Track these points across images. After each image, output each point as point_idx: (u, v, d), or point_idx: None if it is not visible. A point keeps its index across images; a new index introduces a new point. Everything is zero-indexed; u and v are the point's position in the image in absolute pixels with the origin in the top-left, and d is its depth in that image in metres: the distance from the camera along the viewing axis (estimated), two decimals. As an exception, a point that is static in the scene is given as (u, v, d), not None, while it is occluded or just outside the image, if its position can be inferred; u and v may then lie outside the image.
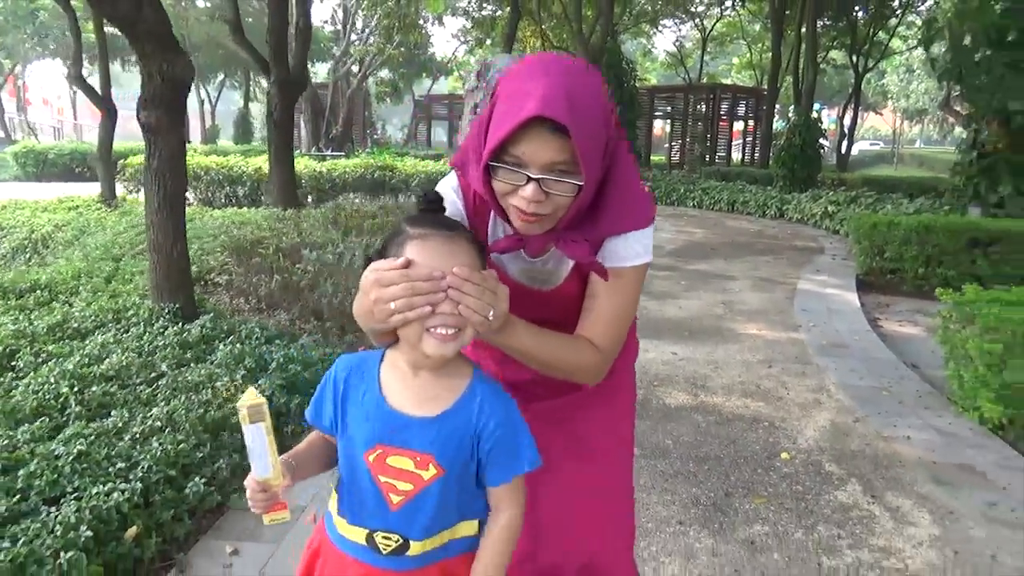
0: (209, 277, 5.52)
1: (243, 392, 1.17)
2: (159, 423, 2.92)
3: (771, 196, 14.34)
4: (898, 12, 23.90)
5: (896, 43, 26.98)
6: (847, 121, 27.64)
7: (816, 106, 32.34)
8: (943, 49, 8.99)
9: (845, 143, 27.32)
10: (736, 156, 28.42)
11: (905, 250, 7.24)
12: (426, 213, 1.16)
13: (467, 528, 1.24)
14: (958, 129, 11.49)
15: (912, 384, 4.31)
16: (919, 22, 22.42)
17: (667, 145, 26.68)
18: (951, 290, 4.32)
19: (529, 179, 1.15)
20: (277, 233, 5.62)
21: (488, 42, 24.41)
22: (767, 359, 4.77)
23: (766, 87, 22.99)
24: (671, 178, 17.93)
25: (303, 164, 13.82)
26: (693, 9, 27.99)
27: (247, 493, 1.15)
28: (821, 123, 15.81)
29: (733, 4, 26.01)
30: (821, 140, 15.37)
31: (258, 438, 1.12)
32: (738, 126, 28.67)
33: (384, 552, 1.20)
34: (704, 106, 25.13)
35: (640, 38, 34.03)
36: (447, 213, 1.20)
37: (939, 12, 14.00)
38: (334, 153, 20.09)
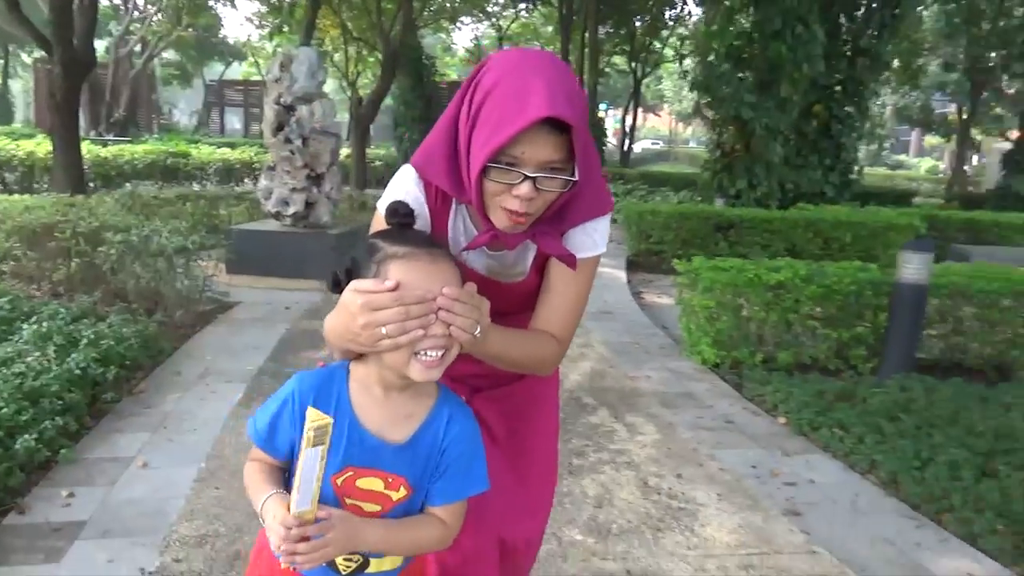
0: (-5, 263, 5.34)
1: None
2: (-26, 394, 3.04)
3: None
4: (669, 25, 26.59)
5: (668, 52, 29.88)
6: (629, 121, 30.24)
7: (603, 106, 34.93)
8: (695, 62, 10.48)
9: (627, 142, 29.90)
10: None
11: (665, 234, 8.49)
12: (400, 228, 1.14)
13: None
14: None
15: (658, 339, 5.30)
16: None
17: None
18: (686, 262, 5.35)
19: (525, 177, 1.14)
20: (71, 218, 5.53)
21: (286, 28, 23.90)
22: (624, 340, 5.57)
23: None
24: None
25: (85, 149, 12.96)
26: (489, 9, 29.18)
27: (279, 533, 1.04)
28: (604, 123, 17.39)
29: (526, 7, 27.45)
30: (606, 139, 16.94)
31: (312, 464, 1.03)
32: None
33: (344, 572, 1.16)
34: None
35: (440, 33, 34.78)
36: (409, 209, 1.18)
37: (696, 31, 15.94)
38: (116, 138, 18.79)
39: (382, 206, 1.24)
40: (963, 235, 9.20)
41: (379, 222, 1.24)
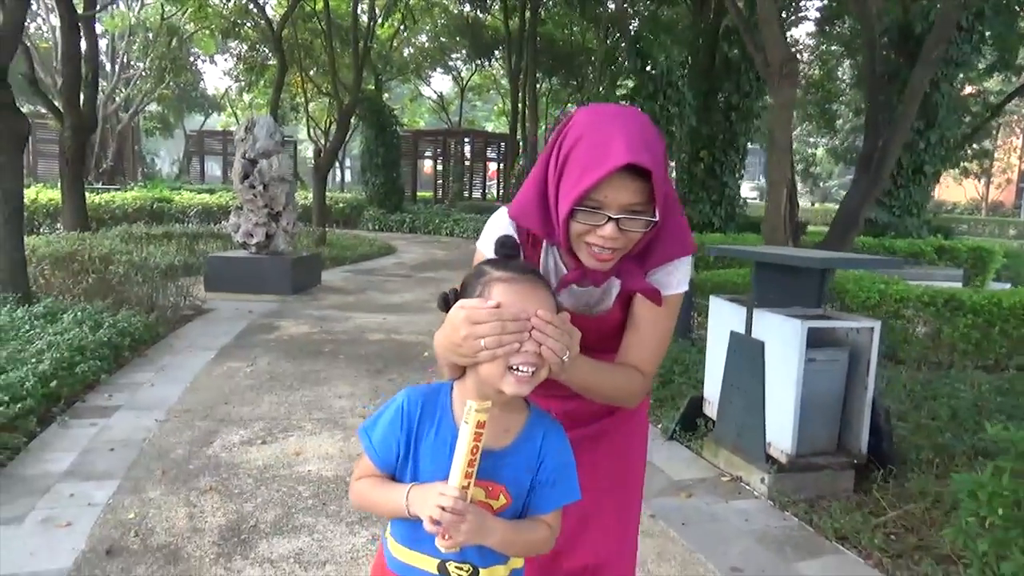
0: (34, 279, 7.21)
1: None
2: (43, 347, 4.90)
3: (507, 224, 17.66)
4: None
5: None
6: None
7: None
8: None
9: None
10: (493, 192, 32.28)
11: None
12: (506, 258, 1.25)
13: (519, 561, 1.32)
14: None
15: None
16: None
17: (439, 182, 29.77)
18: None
19: (609, 219, 1.25)
20: (86, 247, 7.41)
21: (262, 83, 25.99)
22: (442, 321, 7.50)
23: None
24: (432, 211, 20.89)
25: (81, 196, 14.88)
26: (451, 64, 31.65)
27: (444, 501, 1.14)
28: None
29: (482, 62, 29.90)
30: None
31: (463, 441, 1.14)
32: (495, 166, 32.61)
33: None
34: (461, 148, 28.61)
35: (409, 84, 37.20)
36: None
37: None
38: (105, 186, 20.67)
39: (483, 245, 1.44)
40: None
41: (480, 260, 1.39)
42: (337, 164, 29.13)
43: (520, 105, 23.75)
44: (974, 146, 23.56)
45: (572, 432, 1.39)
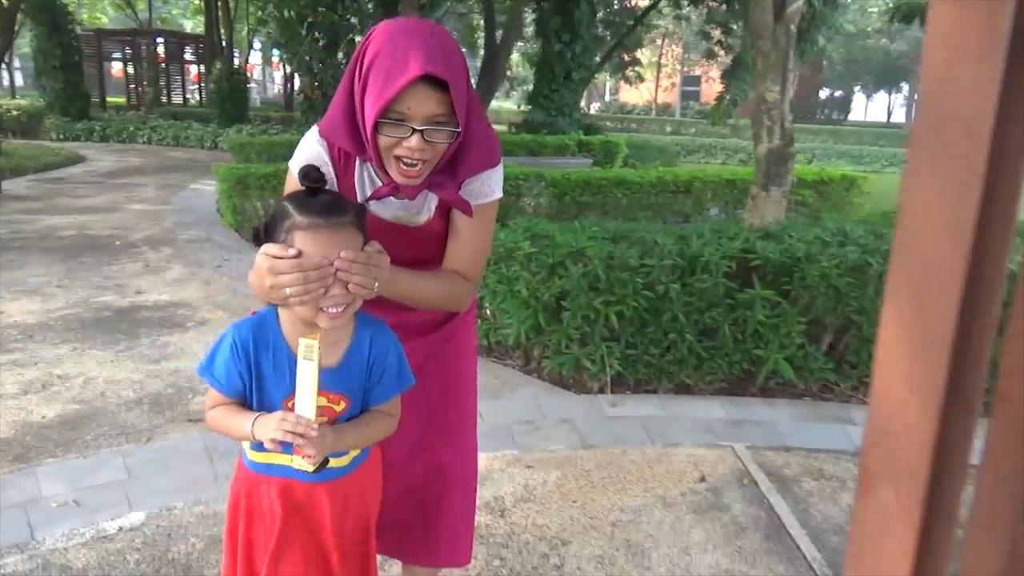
0: None
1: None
2: None
3: (208, 131, 17.65)
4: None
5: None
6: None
7: (276, 53, 36.04)
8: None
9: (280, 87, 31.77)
10: (195, 98, 30.75)
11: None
12: (311, 191, 1.26)
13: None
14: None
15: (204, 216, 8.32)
16: None
17: (132, 87, 27.65)
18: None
19: (413, 131, 1.29)
20: None
21: None
22: (189, 222, 8.31)
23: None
24: (125, 118, 19.92)
25: None
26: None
27: (285, 425, 1.23)
28: (244, 72, 19.55)
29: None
30: (250, 84, 19.12)
31: (306, 375, 1.23)
32: (196, 69, 30.93)
33: (310, 470, 1.34)
34: (154, 49, 26.86)
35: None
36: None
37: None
38: None
39: (294, 166, 1.44)
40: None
41: (290, 182, 1.44)
42: (5, 67, 25.77)
43: (217, 1, 22.91)
44: (625, 56, 27.44)
45: (407, 344, 1.48)
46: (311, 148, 1.46)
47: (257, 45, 35.53)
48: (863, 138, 33.49)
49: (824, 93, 44.19)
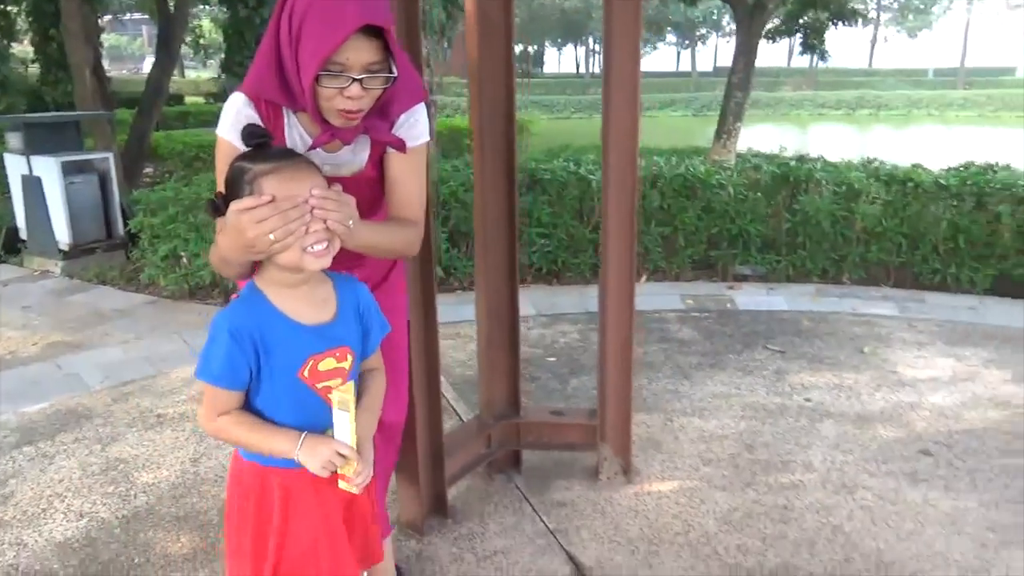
0: None
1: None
2: None
3: None
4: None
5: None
6: None
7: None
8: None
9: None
10: None
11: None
12: (258, 148, 1.26)
13: None
14: None
15: None
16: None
17: None
18: None
19: (353, 80, 1.31)
20: None
21: None
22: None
23: None
24: None
25: None
26: None
27: (338, 460, 1.29)
28: None
29: None
30: None
31: (343, 425, 1.29)
32: None
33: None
34: None
35: None
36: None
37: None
38: None
39: (223, 133, 1.42)
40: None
41: (223, 149, 1.41)
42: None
43: None
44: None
45: None
46: (239, 111, 1.43)
47: None
48: (552, 89, 37.09)
49: (519, 48, 47.61)
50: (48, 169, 5.23)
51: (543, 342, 4.04)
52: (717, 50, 54.69)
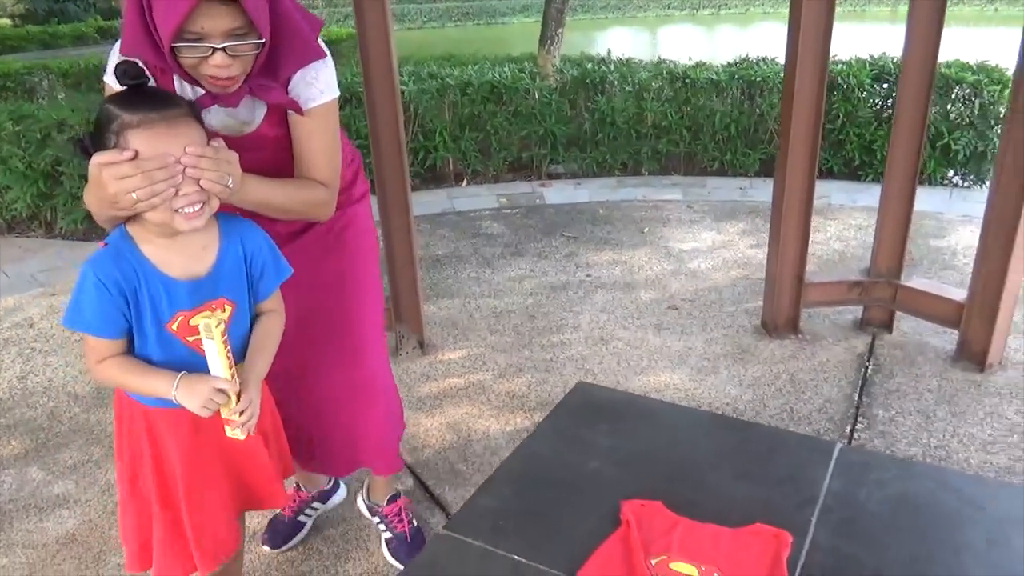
0: None
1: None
2: None
3: None
4: None
5: None
6: None
7: None
8: None
9: None
10: None
11: None
12: (134, 90, 1.16)
13: None
14: None
15: None
16: None
17: None
18: None
19: (214, 50, 1.20)
20: None
21: None
22: None
23: None
24: None
25: None
26: None
27: (218, 397, 1.23)
28: None
29: None
30: None
31: (213, 354, 1.21)
32: None
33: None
34: None
35: None
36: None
37: None
38: None
39: (109, 79, 1.30)
40: None
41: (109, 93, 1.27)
42: None
43: None
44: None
45: (285, 248, 1.46)
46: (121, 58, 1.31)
47: None
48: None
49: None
50: None
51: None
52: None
